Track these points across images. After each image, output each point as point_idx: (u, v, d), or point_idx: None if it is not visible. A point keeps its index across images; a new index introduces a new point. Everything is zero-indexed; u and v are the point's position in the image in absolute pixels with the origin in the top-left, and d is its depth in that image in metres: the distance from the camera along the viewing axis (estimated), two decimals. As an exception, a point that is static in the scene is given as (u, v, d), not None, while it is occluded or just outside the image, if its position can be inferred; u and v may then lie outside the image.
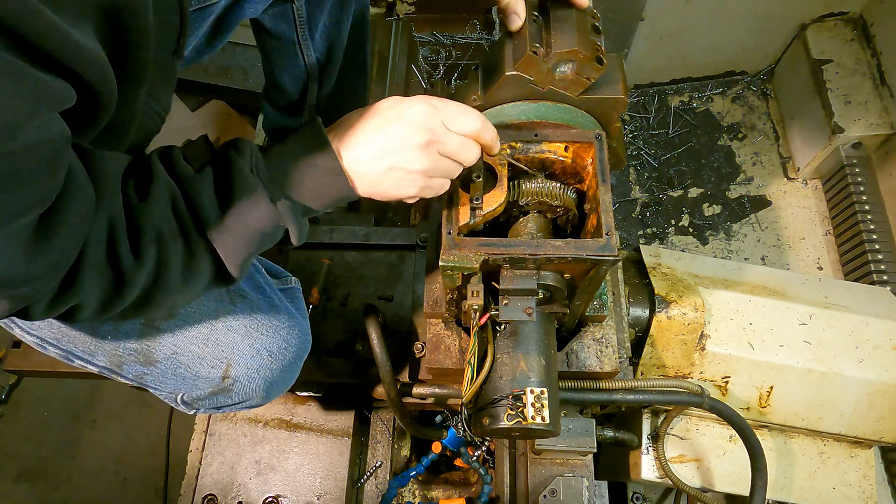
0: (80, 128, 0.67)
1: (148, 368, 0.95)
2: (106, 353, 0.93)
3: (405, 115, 0.78)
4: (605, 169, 0.93)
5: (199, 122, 2.47)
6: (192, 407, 1.04)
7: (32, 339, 0.93)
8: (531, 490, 1.27)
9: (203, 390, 0.98)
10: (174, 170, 0.76)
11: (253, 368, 0.97)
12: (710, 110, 2.55)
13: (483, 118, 0.83)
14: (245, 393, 0.99)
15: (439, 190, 0.86)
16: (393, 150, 0.78)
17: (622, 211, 2.40)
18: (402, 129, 0.78)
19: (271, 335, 0.99)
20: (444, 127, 0.79)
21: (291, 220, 0.79)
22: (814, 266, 2.25)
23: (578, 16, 0.95)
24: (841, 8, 2.26)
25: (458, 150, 0.81)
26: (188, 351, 0.95)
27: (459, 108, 0.81)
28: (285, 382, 1.05)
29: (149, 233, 0.71)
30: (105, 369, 0.96)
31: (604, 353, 1.13)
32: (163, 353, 0.94)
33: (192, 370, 0.95)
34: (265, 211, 0.76)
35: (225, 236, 0.76)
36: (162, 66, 0.81)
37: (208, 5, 1.05)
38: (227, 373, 0.96)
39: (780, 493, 1.44)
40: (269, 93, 1.52)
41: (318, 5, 1.26)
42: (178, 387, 0.98)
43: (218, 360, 0.96)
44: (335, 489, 1.42)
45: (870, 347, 1.42)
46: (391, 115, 0.79)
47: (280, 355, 1.00)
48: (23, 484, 2.03)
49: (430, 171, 0.81)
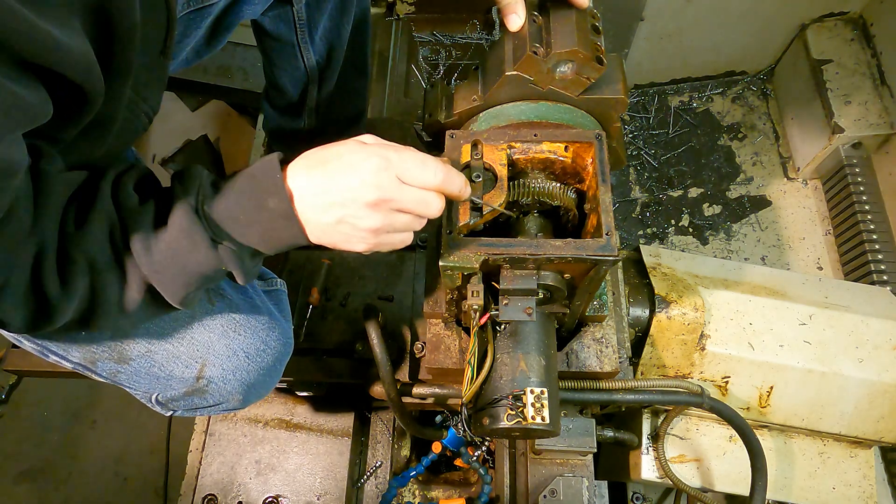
0: (64, 123, 0.67)
1: (121, 366, 0.93)
2: (80, 349, 0.92)
3: (357, 167, 0.71)
4: (605, 169, 0.92)
5: (199, 122, 2.47)
6: (168, 408, 1.02)
7: (8, 332, 0.91)
8: (531, 490, 1.27)
9: (177, 390, 0.96)
10: (118, 199, 0.73)
11: (228, 370, 0.95)
12: (710, 110, 2.55)
13: (446, 168, 0.76)
14: (221, 395, 0.97)
15: (398, 245, 0.80)
16: (340, 203, 0.72)
17: (622, 211, 2.40)
18: (351, 182, 0.71)
19: (249, 336, 0.97)
20: (399, 182, 0.73)
21: (235, 264, 0.76)
22: (814, 266, 2.25)
23: (578, 16, 0.95)
24: (841, 8, 2.26)
25: (416, 206, 0.74)
26: (162, 349, 0.93)
27: (418, 160, 0.74)
28: (264, 386, 1.03)
29: (80, 262, 0.69)
30: (79, 366, 0.94)
31: (604, 353, 1.13)
32: (136, 350, 0.92)
33: (166, 369, 0.94)
34: (203, 255, 0.73)
35: (161, 276, 0.73)
36: (149, 65, 0.79)
37: (206, 6, 1.05)
38: (201, 373, 0.94)
39: (780, 493, 1.44)
40: (269, 93, 1.52)
41: (319, 8, 1.26)
42: (152, 386, 0.96)
43: (192, 359, 0.94)
44: (335, 489, 1.42)
45: (870, 347, 1.42)
46: (342, 165, 0.72)
47: (258, 357, 0.97)
48: (23, 484, 2.03)
49: (382, 229, 0.75)
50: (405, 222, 0.77)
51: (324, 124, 1.53)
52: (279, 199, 0.71)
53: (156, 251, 0.72)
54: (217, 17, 1.11)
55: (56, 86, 0.61)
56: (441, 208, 0.77)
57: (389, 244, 0.79)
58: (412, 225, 0.78)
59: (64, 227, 0.69)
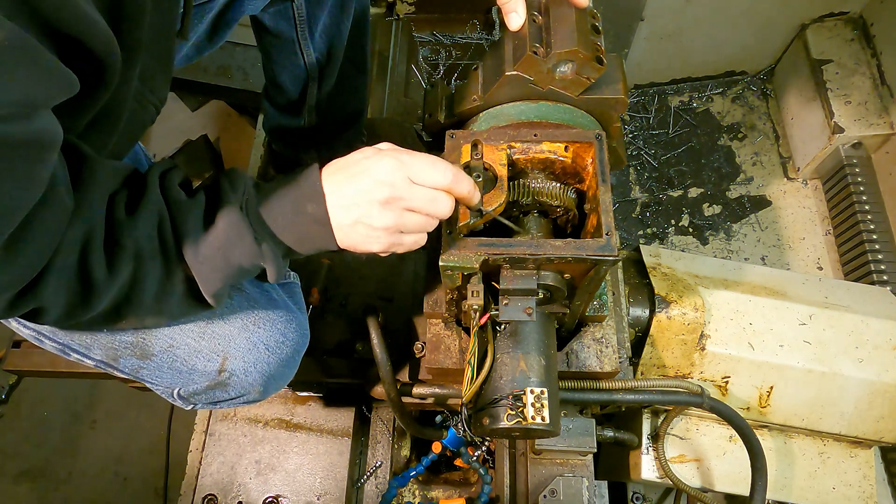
0: (80, 104, 0.67)
1: (144, 362, 0.95)
2: (102, 346, 0.93)
3: (371, 169, 0.77)
4: (605, 169, 0.92)
5: (199, 122, 2.47)
6: (189, 402, 1.03)
7: (29, 332, 0.93)
8: (531, 490, 1.27)
9: (199, 384, 0.98)
10: (167, 191, 0.76)
11: (249, 362, 0.97)
12: (710, 110, 2.55)
13: (456, 170, 0.81)
14: (242, 387, 0.99)
15: (412, 246, 0.84)
16: (356, 203, 0.77)
17: (622, 211, 2.40)
18: (365, 183, 0.77)
19: (268, 329, 0.99)
20: (410, 182, 0.78)
21: (272, 260, 0.80)
22: (814, 266, 2.25)
23: (578, 16, 0.95)
24: (841, 8, 2.26)
25: (427, 205, 0.79)
26: (184, 344, 0.94)
27: (428, 161, 0.79)
28: (283, 377, 1.05)
29: (128, 249, 0.71)
30: (101, 363, 0.96)
31: (604, 353, 1.13)
32: (159, 346, 0.94)
33: (189, 364, 0.95)
34: (248, 249, 0.77)
35: (204, 266, 0.77)
36: (157, 52, 0.80)
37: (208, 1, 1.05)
38: (223, 366, 0.96)
39: (780, 493, 1.44)
40: (269, 92, 1.52)
41: (318, 5, 1.26)
42: (175, 381, 0.98)
43: (214, 353, 0.95)
44: (335, 489, 1.42)
45: (870, 347, 1.42)
46: (359, 169, 0.78)
47: (277, 349, 1.00)
48: (23, 484, 2.03)
49: (395, 228, 0.79)
50: (417, 222, 0.81)
51: (323, 122, 1.53)
52: (317, 204, 0.77)
53: (203, 242, 0.76)
54: (218, 13, 1.12)
55: (79, 59, 0.61)
56: (450, 208, 0.81)
57: (404, 245, 0.83)
58: (424, 226, 0.82)
59: (112, 213, 0.71)
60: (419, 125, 1.55)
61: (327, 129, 1.56)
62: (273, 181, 0.81)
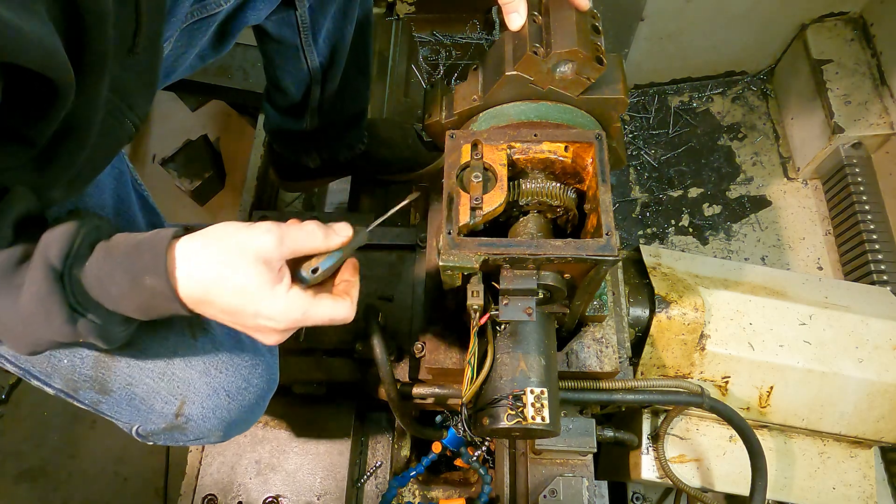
0: (34, 118, 0.65)
1: (103, 397, 0.91)
2: (62, 376, 0.90)
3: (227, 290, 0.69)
4: (605, 169, 0.92)
5: (199, 122, 2.47)
6: (148, 440, 1.00)
7: None
8: (531, 490, 1.27)
9: (157, 425, 0.94)
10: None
11: (208, 408, 0.93)
12: (710, 110, 2.55)
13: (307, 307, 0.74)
14: (200, 432, 0.95)
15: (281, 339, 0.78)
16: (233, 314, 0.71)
17: (622, 211, 2.40)
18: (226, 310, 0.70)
19: (231, 374, 0.94)
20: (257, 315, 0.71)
21: (96, 336, 0.70)
22: (814, 266, 2.25)
23: (578, 16, 0.95)
24: (841, 8, 2.26)
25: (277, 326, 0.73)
26: (143, 383, 0.91)
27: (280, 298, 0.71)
28: (246, 422, 1.01)
29: None
30: (61, 392, 0.92)
31: (604, 353, 1.14)
32: (118, 382, 0.90)
33: (147, 403, 0.92)
34: (57, 330, 0.67)
35: (7, 336, 0.69)
36: (134, 65, 0.77)
37: (210, 15, 1.05)
38: (180, 410, 0.92)
39: (780, 493, 1.44)
40: (270, 94, 1.52)
41: (322, 11, 1.26)
42: (134, 418, 0.94)
43: (172, 395, 0.91)
44: (335, 489, 1.42)
45: (870, 347, 1.42)
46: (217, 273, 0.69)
47: (239, 395, 0.95)
48: (23, 484, 2.03)
49: (282, 330, 0.74)
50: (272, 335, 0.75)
51: (325, 124, 1.53)
52: (158, 278, 0.67)
53: (8, 308, 0.66)
54: (221, 24, 1.11)
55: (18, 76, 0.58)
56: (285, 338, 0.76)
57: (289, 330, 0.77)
58: (282, 337, 0.76)
59: None
60: (419, 125, 1.55)
61: (329, 131, 1.56)
62: (121, 239, 0.70)
